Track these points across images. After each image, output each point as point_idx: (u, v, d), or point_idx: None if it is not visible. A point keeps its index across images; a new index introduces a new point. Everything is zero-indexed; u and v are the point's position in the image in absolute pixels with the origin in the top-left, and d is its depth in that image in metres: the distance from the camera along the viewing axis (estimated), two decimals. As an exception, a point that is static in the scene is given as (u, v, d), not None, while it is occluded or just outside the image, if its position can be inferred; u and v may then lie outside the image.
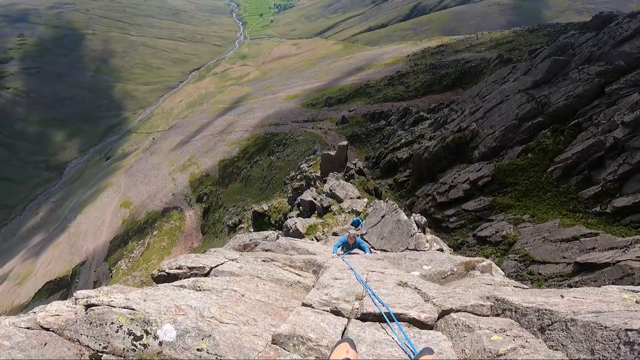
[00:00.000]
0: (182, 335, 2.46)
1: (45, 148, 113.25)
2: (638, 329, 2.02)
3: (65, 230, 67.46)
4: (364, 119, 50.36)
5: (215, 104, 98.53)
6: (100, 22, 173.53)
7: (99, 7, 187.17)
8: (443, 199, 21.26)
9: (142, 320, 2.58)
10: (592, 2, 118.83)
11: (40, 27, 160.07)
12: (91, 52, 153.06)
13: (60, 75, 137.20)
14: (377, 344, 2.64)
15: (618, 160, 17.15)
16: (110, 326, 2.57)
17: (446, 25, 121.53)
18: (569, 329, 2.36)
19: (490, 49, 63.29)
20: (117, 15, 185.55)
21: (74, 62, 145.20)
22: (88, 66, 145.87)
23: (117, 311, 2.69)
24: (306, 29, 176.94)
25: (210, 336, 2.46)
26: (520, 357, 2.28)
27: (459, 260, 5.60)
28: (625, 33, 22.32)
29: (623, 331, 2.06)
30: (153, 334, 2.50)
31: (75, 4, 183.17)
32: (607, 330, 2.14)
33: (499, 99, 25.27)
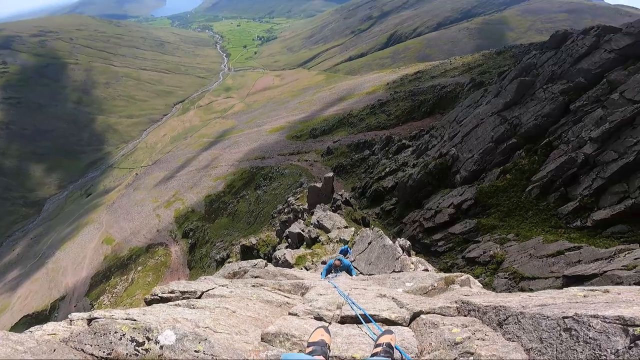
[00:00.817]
0: (180, 339, 2.66)
1: (24, 183, 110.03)
2: (572, 315, 2.21)
3: (43, 266, 65.24)
4: (349, 149, 51.30)
5: (199, 138, 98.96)
6: (83, 52, 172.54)
7: (83, 37, 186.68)
8: (430, 224, 21.49)
9: (143, 328, 2.76)
10: (550, 21, 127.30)
11: (23, 54, 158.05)
12: (73, 82, 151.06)
13: (41, 106, 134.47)
14: (350, 336, 3.11)
15: (591, 175, 17.70)
16: (113, 335, 2.73)
17: (421, 52, 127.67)
18: (520, 322, 2.57)
19: (463, 73, 66.45)
20: (100, 45, 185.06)
21: (56, 93, 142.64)
22: (69, 97, 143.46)
23: (119, 322, 2.86)
24: (289, 60, 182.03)
25: (206, 340, 2.68)
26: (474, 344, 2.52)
27: (439, 276, 5.84)
28: (581, 50, 23.33)
29: (561, 319, 2.26)
30: (154, 340, 2.68)
31: (59, 33, 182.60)
32: (549, 320, 2.35)
33: (474, 122, 26.25)
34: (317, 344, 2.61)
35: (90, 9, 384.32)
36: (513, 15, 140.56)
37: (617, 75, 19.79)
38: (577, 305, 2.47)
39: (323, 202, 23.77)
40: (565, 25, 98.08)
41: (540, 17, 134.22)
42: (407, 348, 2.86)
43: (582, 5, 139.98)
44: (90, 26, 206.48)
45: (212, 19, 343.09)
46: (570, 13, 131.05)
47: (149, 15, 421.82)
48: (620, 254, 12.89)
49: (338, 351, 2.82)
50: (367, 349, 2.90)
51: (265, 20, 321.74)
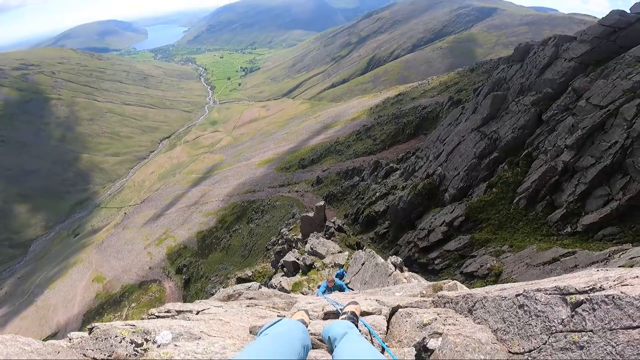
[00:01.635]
0: (176, 337, 2.83)
1: (9, 225, 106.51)
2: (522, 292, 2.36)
3: (32, 304, 63.41)
4: (338, 177, 51.91)
5: (188, 174, 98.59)
6: (66, 86, 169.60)
7: (65, 70, 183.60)
8: (425, 244, 21.53)
9: (142, 331, 2.93)
10: (513, 34, 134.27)
11: (5, 89, 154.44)
12: (56, 118, 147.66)
13: (24, 145, 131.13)
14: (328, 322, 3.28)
15: (573, 181, 18.08)
16: (114, 339, 2.87)
17: (400, 74, 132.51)
18: (484, 306, 2.73)
19: (441, 92, 68.98)
20: (83, 80, 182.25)
21: (39, 130, 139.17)
22: (53, 134, 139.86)
23: (120, 327, 3.02)
24: (273, 90, 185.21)
25: (200, 338, 2.86)
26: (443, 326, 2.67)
27: (427, 284, 5.95)
28: (543, 61, 24.29)
29: (515, 297, 2.41)
30: (152, 340, 2.83)
31: (41, 66, 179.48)
32: (506, 300, 2.50)
33: (456, 140, 26.98)
34: None
35: (72, 42, 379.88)
36: (480, 32, 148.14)
37: (580, 83, 20.77)
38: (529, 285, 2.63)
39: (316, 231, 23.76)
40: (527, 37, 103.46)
41: (505, 31, 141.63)
42: (375, 326, 3.14)
43: (539, 16, 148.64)
44: (72, 59, 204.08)
45: (195, 52, 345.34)
46: (530, 25, 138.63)
47: (130, 48, 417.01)
48: (615, 254, 13.03)
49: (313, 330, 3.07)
50: None
51: (248, 51, 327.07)
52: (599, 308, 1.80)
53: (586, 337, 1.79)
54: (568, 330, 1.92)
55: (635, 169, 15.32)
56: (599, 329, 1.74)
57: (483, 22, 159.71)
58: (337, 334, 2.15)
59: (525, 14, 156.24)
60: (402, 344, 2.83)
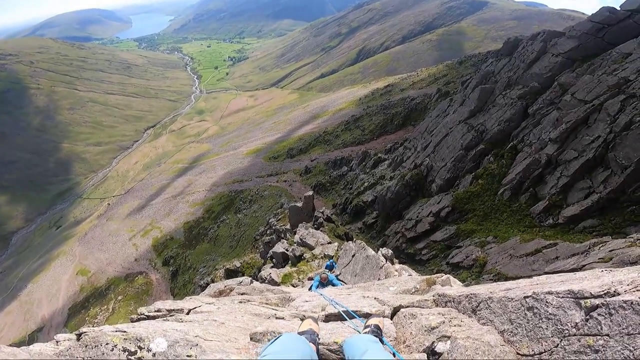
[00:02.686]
0: (172, 345, 2.65)
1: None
2: (531, 294, 2.34)
3: (16, 299, 62.24)
4: (327, 166, 51.91)
5: (174, 164, 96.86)
6: (45, 76, 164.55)
7: (44, 60, 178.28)
8: (412, 234, 21.80)
9: (134, 338, 2.75)
10: (502, 28, 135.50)
11: None
12: (35, 108, 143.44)
13: (3, 135, 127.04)
14: (334, 328, 3.30)
15: (556, 174, 18.51)
16: (105, 346, 2.71)
17: (389, 66, 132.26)
18: (490, 307, 2.70)
19: (430, 84, 69.23)
20: (63, 69, 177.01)
21: (18, 120, 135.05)
22: (32, 124, 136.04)
23: (110, 334, 2.83)
24: (261, 79, 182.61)
25: (197, 345, 2.69)
26: (450, 329, 2.63)
27: (420, 279, 5.98)
28: (531, 55, 24.66)
29: (523, 299, 2.39)
30: (146, 348, 2.66)
31: (19, 56, 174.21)
32: (513, 301, 2.48)
33: (444, 132, 27.21)
34: (307, 332, 2.68)
35: (52, 32, 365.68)
36: (470, 25, 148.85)
37: (566, 78, 21.14)
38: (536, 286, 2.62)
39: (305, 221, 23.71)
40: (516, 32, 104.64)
41: (494, 25, 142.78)
42: (386, 334, 3.06)
43: (528, 11, 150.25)
44: (52, 49, 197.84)
45: (181, 41, 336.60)
46: (519, 20, 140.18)
47: (114, 38, 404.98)
48: (595, 247, 13.40)
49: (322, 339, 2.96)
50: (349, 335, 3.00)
51: (236, 40, 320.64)
52: (616, 313, 1.79)
53: (602, 341, 1.78)
54: (582, 333, 1.91)
55: (617, 162, 15.73)
56: (615, 333, 1.73)
57: (473, 16, 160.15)
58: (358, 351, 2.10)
59: (515, 8, 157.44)
60: (412, 349, 2.79)
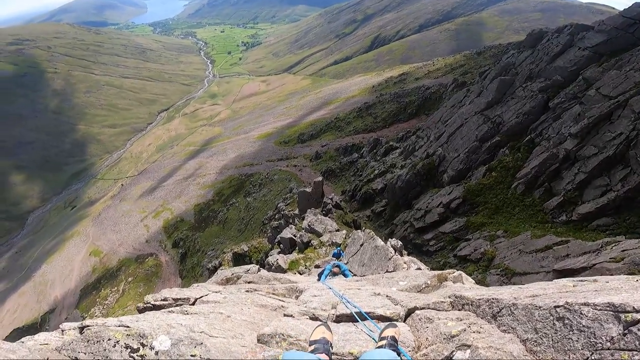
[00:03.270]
0: (176, 344, 2.61)
1: (6, 197, 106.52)
2: (563, 304, 2.25)
3: (30, 279, 63.95)
4: (337, 153, 51.55)
5: (186, 147, 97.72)
6: (62, 60, 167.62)
7: (62, 45, 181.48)
8: (420, 224, 21.70)
9: (137, 334, 2.71)
10: (525, 20, 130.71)
11: (0, 64, 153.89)
12: (53, 91, 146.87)
13: (20, 117, 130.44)
14: (347, 334, 3.09)
15: (573, 170, 18.14)
16: (107, 342, 2.68)
17: (405, 54, 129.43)
18: (513, 313, 2.60)
19: (446, 74, 67.64)
20: (80, 54, 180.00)
21: (35, 103, 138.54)
22: (49, 107, 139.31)
23: (112, 329, 2.81)
24: (274, 65, 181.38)
25: (202, 344, 2.63)
26: (471, 337, 2.52)
27: (432, 274, 5.85)
28: (556, 48, 24.01)
29: (553, 308, 2.29)
30: (149, 345, 2.62)
31: (37, 41, 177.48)
32: (541, 310, 2.37)
33: (459, 122, 26.73)
34: (319, 341, 2.58)
35: (68, 17, 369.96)
36: (491, 16, 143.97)
37: (592, 72, 20.44)
38: (567, 294, 2.50)
39: (313, 207, 23.77)
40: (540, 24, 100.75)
41: (517, 17, 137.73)
42: (403, 342, 2.87)
43: (555, 4, 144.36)
44: (69, 34, 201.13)
45: (195, 26, 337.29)
46: (545, 12, 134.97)
47: (129, 23, 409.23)
48: (607, 246, 13.16)
49: (335, 348, 2.82)
50: (364, 344, 2.89)
51: (250, 26, 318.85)
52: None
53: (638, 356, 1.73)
54: (617, 348, 1.85)
55: (638, 161, 15.28)
56: (656, 349, 1.66)
57: (495, 6, 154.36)
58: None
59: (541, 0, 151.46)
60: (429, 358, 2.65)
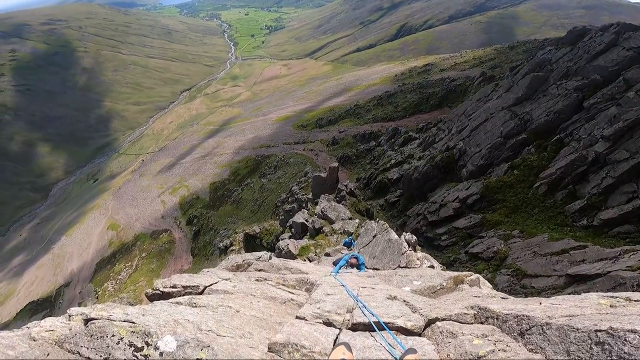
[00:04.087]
0: (182, 346, 2.54)
1: (32, 169, 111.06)
2: (606, 329, 2.12)
3: (49, 252, 66.07)
4: (355, 140, 51.10)
5: (205, 126, 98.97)
6: (92, 40, 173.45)
7: (92, 25, 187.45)
8: (434, 218, 21.38)
9: (142, 332, 2.66)
10: (567, 16, 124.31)
11: (33, 42, 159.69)
12: (82, 69, 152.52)
13: (49, 93, 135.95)
14: (366, 349, 2.88)
15: (601, 173, 17.43)
16: (111, 338, 2.64)
17: (431, 45, 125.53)
18: (545, 333, 2.47)
19: (473, 67, 65.36)
20: (109, 34, 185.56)
21: (64, 80, 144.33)
22: (78, 84, 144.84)
23: (117, 324, 2.76)
24: (296, 49, 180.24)
25: (209, 347, 2.54)
26: (499, 358, 2.41)
27: (447, 275, 5.70)
28: (598, 47, 22.82)
29: (593, 332, 2.17)
30: (154, 345, 2.57)
31: (69, 21, 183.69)
32: (579, 332, 2.25)
33: (484, 117, 25.87)
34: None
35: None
36: (528, 10, 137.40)
37: (634, 74, 19.34)
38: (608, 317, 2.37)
39: (327, 192, 23.68)
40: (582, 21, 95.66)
41: (557, 12, 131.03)
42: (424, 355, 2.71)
43: (601, 2, 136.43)
44: (99, 14, 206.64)
45: (220, 8, 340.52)
46: (589, 9, 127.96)
47: (157, 4, 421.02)
48: (626, 254, 12.73)
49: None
50: None
51: (274, 9, 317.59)
52: None
53: None
54: None
55: (673, 167, 14.50)
56: None
57: (534, 1, 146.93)
58: None
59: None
60: None
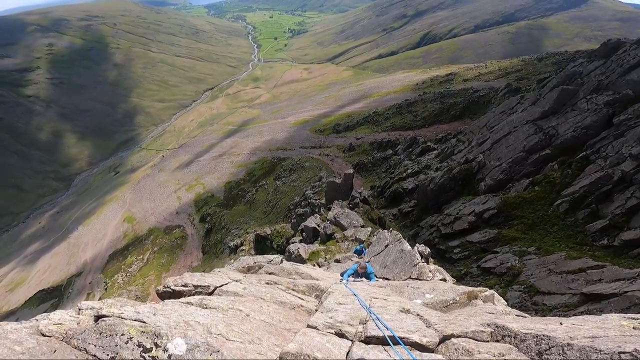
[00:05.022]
0: (191, 350, 2.53)
1: (57, 158, 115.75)
2: (631, 351, 2.08)
3: (65, 240, 67.62)
4: (371, 147, 50.85)
5: (225, 125, 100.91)
6: (125, 37, 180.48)
7: (126, 22, 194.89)
8: (448, 230, 20.95)
9: (152, 333, 2.65)
10: (600, 29, 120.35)
11: (70, 37, 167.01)
12: (113, 65, 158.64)
13: (81, 87, 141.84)
14: None
15: (626, 193, 16.83)
16: (120, 337, 2.63)
17: (455, 54, 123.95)
18: (565, 353, 2.43)
19: (498, 78, 64.01)
20: (141, 31, 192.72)
21: (96, 75, 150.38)
22: (108, 79, 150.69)
23: (128, 323, 2.75)
24: (318, 54, 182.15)
25: (218, 352, 2.52)
26: None
27: (461, 290, 5.62)
28: (632, 60, 21.90)
29: (617, 354, 2.12)
30: (163, 347, 2.55)
31: (105, 18, 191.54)
32: (601, 354, 2.20)
33: (506, 130, 25.25)
34: None
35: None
36: (560, 22, 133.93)
37: (668, 89, 18.48)
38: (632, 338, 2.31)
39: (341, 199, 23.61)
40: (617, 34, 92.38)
41: (590, 24, 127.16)
42: None
43: (636, 14, 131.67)
44: (133, 12, 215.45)
45: (246, 10, 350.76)
46: (623, 22, 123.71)
47: (187, 3, 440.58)
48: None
49: None
50: None
51: (298, 13, 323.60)
52: None
53: None
54: None
55: None
56: None
57: (567, 12, 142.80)
58: None
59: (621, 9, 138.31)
60: None
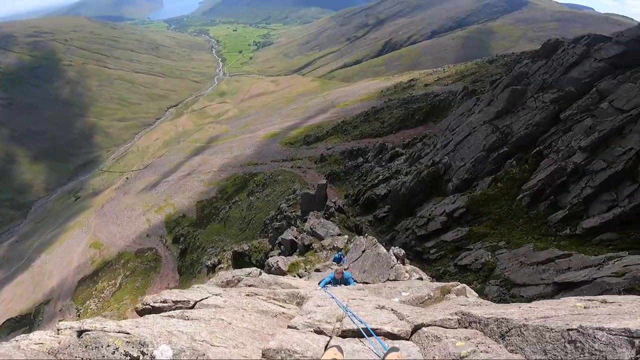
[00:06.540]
0: (178, 354, 2.53)
1: (12, 185, 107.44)
2: (577, 327, 2.23)
3: (28, 269, 63.95)
4: (342, 156, 51.47)
5: (192, 143, 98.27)
6: (77, 53, 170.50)
7: (78, 38, 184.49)
8: (422, 232, 21.52)
9: (137, 342, 2.63)
10: (541, 29, 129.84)
11: (17, 54, 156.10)
12: (66, 83, 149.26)
13: (31, 107, 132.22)
14: (355, 352, 3.07)
15: (580, 184, 17.88)
16: (106, 348, 2.61)
17: (415, 60, 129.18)
18: (522, 334, 2.59)
19: (456, 81, 67.26)
20: (95, 47, 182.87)
21: (47, 94, 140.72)
22: (61, 98, 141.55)
23: (112, 335, 2.74)
24: (284, 65, 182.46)
25: (204, 355, 2.55)
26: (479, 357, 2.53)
27: (435, 286, 5.80)
28: (571, 59, 23.56)
29: (565, 331, 2.28)
30: (150, 354, 2.55)
31: (55, 34, 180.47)
32: (553, 332, 2.36)
33: (467, 131, 26.48)
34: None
35: (87, 10, 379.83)
36: (505, 24, 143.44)
37: (606, 85, 20.12)
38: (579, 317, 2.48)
39: (316, 209, 23.68)
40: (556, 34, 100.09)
41: (532, 26, 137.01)
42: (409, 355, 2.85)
43: (572, 14, 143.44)
44: (86, 28, 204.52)
45: (209, 23, 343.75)
46: (561, 22, 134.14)
47: (145, 18, 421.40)
48: (610, 261, 13.00)
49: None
50: None
51: (262, 25, 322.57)
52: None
53: None
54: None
55: (647, 176, 15.01)
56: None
57: (510, 15, 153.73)
58: None
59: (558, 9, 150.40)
60: None
